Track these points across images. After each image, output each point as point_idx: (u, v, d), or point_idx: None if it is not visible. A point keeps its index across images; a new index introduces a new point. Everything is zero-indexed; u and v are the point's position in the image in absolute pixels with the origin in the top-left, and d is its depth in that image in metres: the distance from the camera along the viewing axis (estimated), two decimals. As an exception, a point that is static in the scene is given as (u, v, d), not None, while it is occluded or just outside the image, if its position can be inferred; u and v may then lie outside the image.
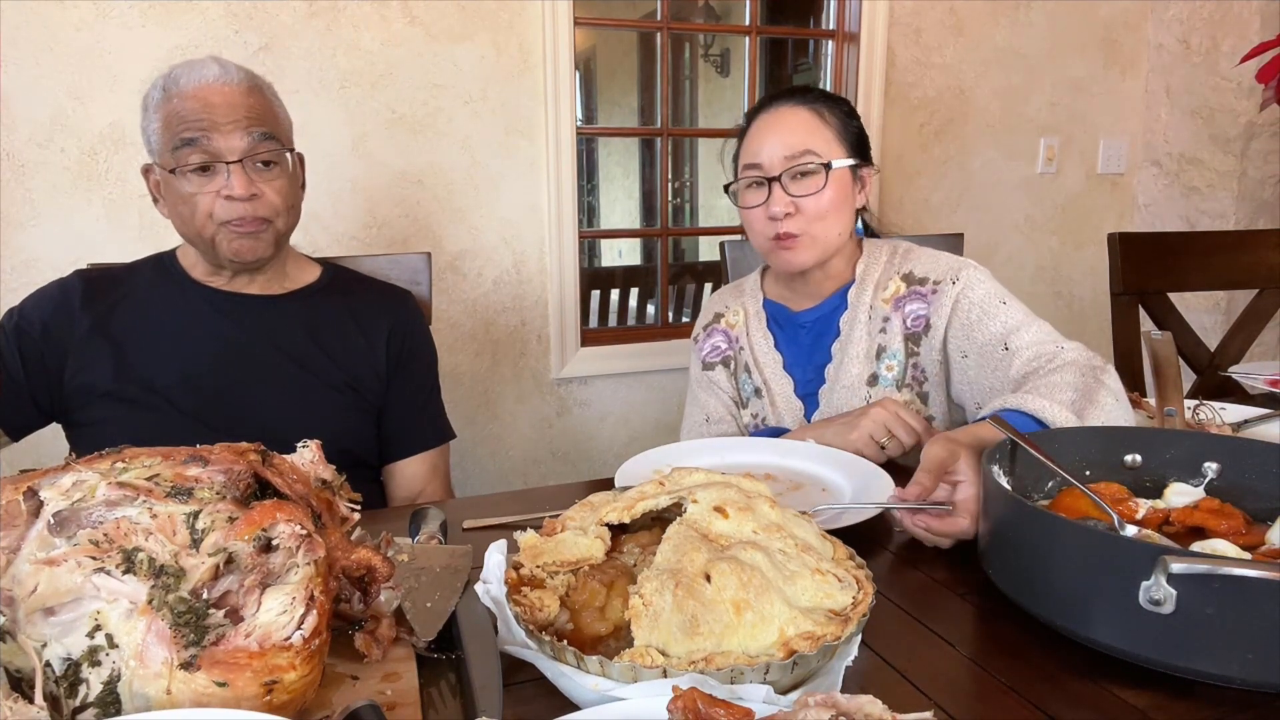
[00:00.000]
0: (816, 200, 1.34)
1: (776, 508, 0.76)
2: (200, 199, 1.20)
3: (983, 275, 1.34)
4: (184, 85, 1.19)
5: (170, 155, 1.19)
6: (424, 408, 1.44)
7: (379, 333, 1.37)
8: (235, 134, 1.19)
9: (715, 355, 1.56)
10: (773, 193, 1.34)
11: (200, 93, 1.18)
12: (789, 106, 1.38)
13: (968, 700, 0.66)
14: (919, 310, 1.36)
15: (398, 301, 1.43)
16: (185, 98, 1.18)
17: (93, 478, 0.62)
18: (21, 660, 0.56)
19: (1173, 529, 0.86)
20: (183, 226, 1.24)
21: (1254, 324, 1.90)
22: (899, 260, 1.42)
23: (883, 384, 1.38)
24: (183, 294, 1.30)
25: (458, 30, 2.35)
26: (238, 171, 1.18)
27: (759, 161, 1.36)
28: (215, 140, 1.18)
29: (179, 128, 1.18)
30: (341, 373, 1.32)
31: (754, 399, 1.51)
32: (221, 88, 1.19)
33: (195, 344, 1.27)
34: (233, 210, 1.20)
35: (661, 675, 0.59)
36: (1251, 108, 2.83)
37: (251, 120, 1.20)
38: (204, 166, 1.19)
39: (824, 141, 1.36)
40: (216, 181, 1.19)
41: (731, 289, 1.61)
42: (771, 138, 1.36)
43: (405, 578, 0.77)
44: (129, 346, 1.25)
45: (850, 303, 1.42)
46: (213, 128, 1.17)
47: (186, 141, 1.17)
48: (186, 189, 1.19)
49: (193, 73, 1.20)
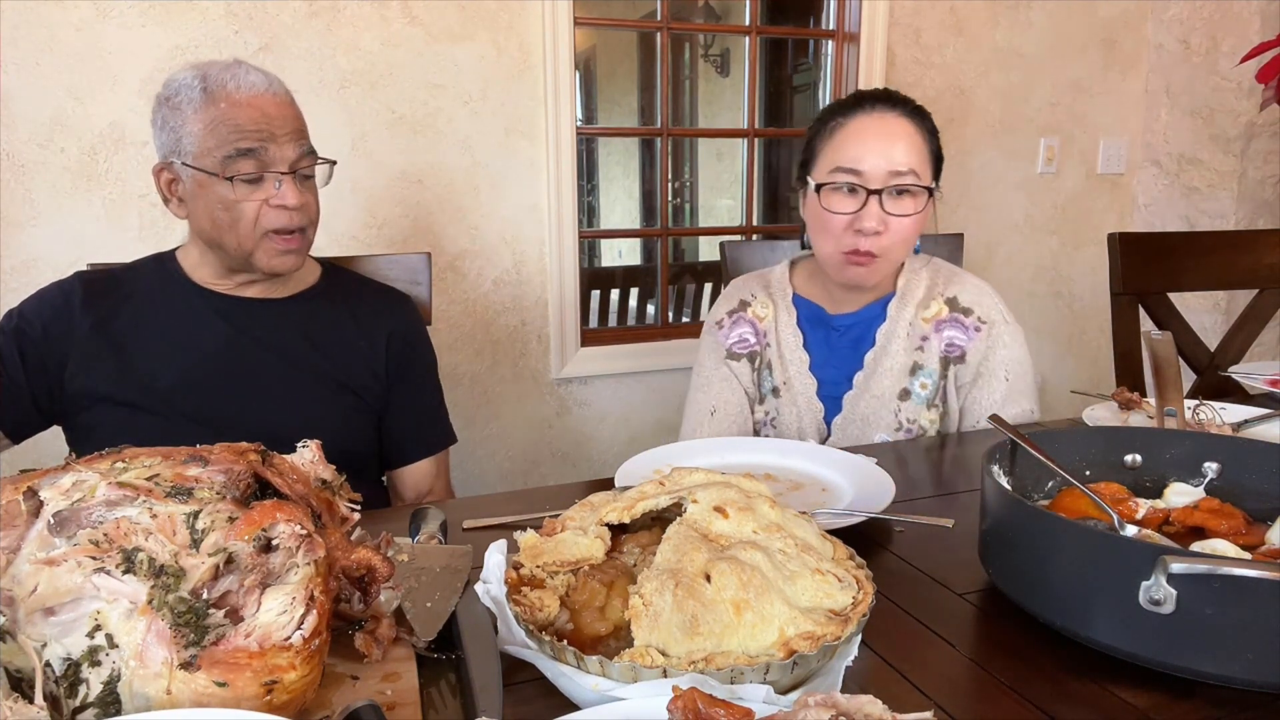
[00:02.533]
0: (910, 223, 1.32)
1: (776, 508, 0.76)
2: (246, 206, 1.20)
3: (1013, 339, 1.41)
4: (234, 92, 1.18)
5: (220, 163, 1.18)
6: (429, 413, 1.44)
7: (379, 335, 1.37)
8: (289, 145, 1.21)
9: (742, 347, 1.51)
10: (868, 206, 1.29)
11: (256, 102, 1.19)
12: (895, 114, 1.33)
13: (968, 700, 0.66)
14: (957, 339, 1.40)
15: (397, 304, 1.43)
16: (239, 105, 1.18)
17: (93, 478, 0.62)
18: (21, 660, 0.56)
19: (1173, 529, 0.86)
20: (215, 231, 1.23)
21: (1254, 324, 1.89)
22: (942, 282, 1.43)
23: (915, 400, 1.41)
24: (184, 297, 1.29)
25: (458, 30, 2.35)
26: (289, 182, 1.20)
27: (860, 169, 1.30)
28: (271, 151, 1.19)
29: (233, 136, 1.17)
30: (342, 375, 1.32)
31: (770, 397, 1.49)
32: (273, 98, 1.21)
33: (196, 347, 1.26)
34: (281, 218, 1.21)
35: (661, 675, 0.59)
36: (1251, 108, 2.83)
37: (299, 132, 1.23)
38: (256, 176, 1.19)
39: (923, 162, 1.32)
40: (265, 190, 1.20)
41: (757, 279, 1.56)
42: (877, 146, 1.30)
43: (405, 578, 0.77)
44: (129, 350, 1.25)
45: (890, 315, 1.42)
46: (270, 139, 1.19)
47: (245, 152, 1.17)
48: (232, 196, 1.19)
49: (238, 78, 1.19)
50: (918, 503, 1.06)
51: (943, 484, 1.22)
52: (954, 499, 1.09)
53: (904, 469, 1.22)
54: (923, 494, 1.12)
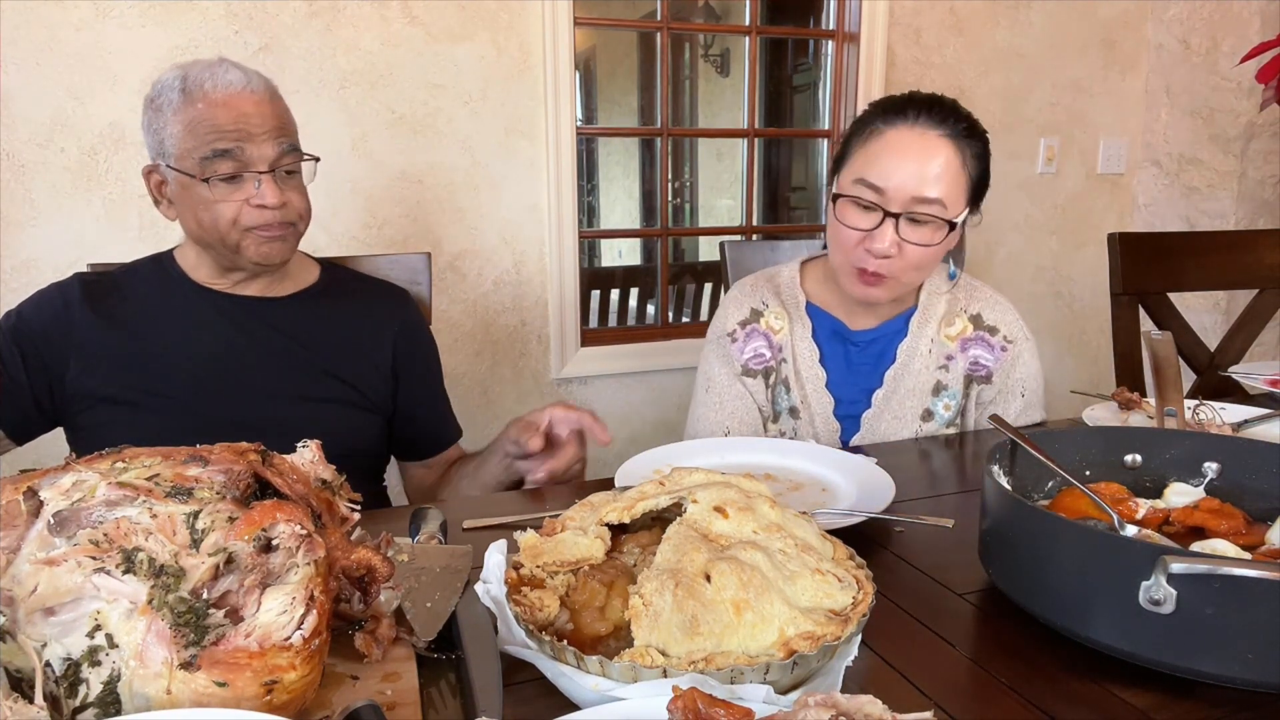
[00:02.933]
0: (924, 252, 1.24)
1: (776, 508, 0.76)
2: (225, 206, 1.19)
3: (1030, 354, 1.39)
4: (210, 91, 1.17)
5: (199, 164, 1.17)
6: (438, 409, 1.44)
7: (383, 333, 1.37)
8: (267, 144, 1.19)
9: (758, 363, 1.40)
10: (882, 227, 1.22)
11: (232, 101, 1.17)
12: (938, 133, 1.22)
13: (968, 700, 0.66)
14: (984, 358, 1.38)
15: (399, 302, 1.42)
16: (215, 105, 1.16)
17: (93, 478, 0.62)
18: (21, 660, 0.56)
19: (1173, 529, 0.86)
20: (200, 231, 1.22)
21: (1254, 324, 1.89)
22: (963, 297, 1.39)
23: (938, 421, 1.38)
24: (184, 297, 1.29)
25: (458, 30, 2.35)
26: (268, 181, 1.19)
27: (883, 187, 1.21)
28: (249, 151, 1.17)
29: (210, 137, 1.16)
30: (343, 373, 1.32)
31: (787, 416, 1.40)
32: (250, 95, 1.19)
33: (197, 347, 1.26)
34: (262, 217, 1.20)
35: (661, 675, 0.59)
36: (1251, 108, 2.83)
37: (279, 130, 1.20)
38: (233, 175, 1.18)
39: (956, 192, 1.23)
40: (244, 189, 1.19)
41: (766, 282, 1.45)
42: (906, 165, 1.21)
43: (405, 578, 0.77)
44: (130, 350, 1.24)
45: (911, 331, 1.37)
46: (247, 138, 1.17)
47: (221, 153, 1.16)
48: (211, 197, 1.18)
49: (215, 77, 1.18)
50: (918, 503, 1.06)
51: (943, 484, 1.22)
52: (954, 499, 1.09)
53: (904, 469, 1.22)
54: (923, 494, 1.12)
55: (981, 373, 1.38)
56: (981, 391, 1.39)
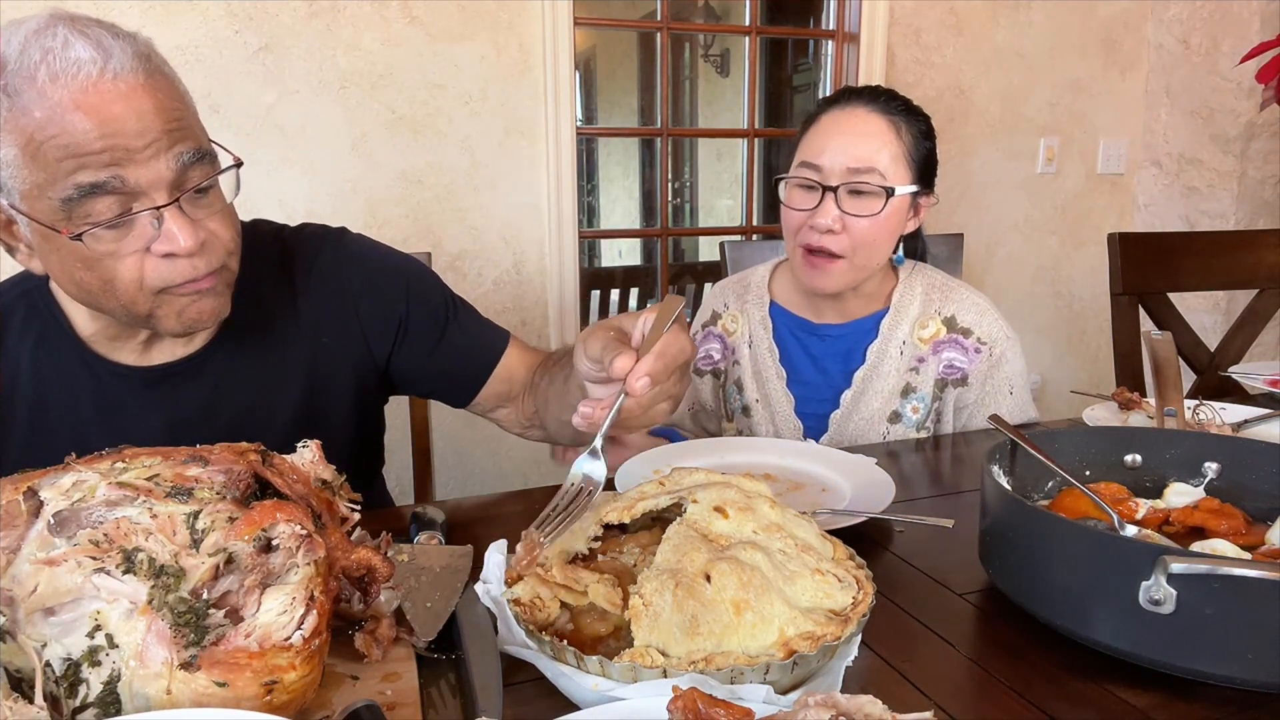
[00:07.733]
0: (869, 224, 1.24)
1: (776, 508, 0.76)
2: (118, 264, 0.81)
3: (1014, 353, 1.37)
4: (49, 87, 0.76)
5: (59, 209, 0.78)
6: (466, 328, 1.14)
7: (372, 321, 1.09)
8: (158, 159, 0.80)
9: (706, 364, 1.46)
10: (824, 202, 1.24)
11: (89, 100, 0.76)
12: (865, 109, 1.26)
13: (968, 700, 0.66)
14: (957, 360, 1.35)
15: (341, 288, 1.07)
16: (63, 110, 0.76)
17: (93, 478, 0.62)
18: (21, 660, 0.56)
19: (1173, 529, 0.86)
20: (86, 296, 0.86)
21: (1254, 324, 1.89)
22: (938, 299, 1.37)
23: (905, 423, 1.37)
24: (89, 376, 0.93)
25: (458, 30, 2.35)
26: (173, 215, 0.81)
27: (819, 163, 1.25)
28: (129, 175, 0.79)
29: (68, 165, 0.77)
30: (337, 374, 1.08)
31: (740, 416, 1.43)
32: (114, 86, 0.77)
33: (122, 433, 0.83)
34: (175, 270, 0.83)
35: (661, 675, 0.59)
36: (1251, 108, 2.83)
37: (171, 131, 0.81)
38: (117, 218, 0.80)
39: (891, 160, 1.25)
40: (139, 233, 0.81)
41: (735, 285, 1.51)
42: (838, 140, 1.25)
43: (405, 578, 0.77)
44: (30, 432, 0.93)
45: (882, 333, 1.36)
46: (124, 158, 0.78)
47: (90, 189, 0.77)
48: (89, 253, 0.80)
49: (53, 62, 0.76)
50: (918, 503, 1.06)
51: (943, 484, 1.22)
52: (954, 499, 1.09)
53: (904, 469, 1.22)
54: (923, 494, 1.12)
55: (956, 375, 1.36)
56: (960, 394, 1.37)
